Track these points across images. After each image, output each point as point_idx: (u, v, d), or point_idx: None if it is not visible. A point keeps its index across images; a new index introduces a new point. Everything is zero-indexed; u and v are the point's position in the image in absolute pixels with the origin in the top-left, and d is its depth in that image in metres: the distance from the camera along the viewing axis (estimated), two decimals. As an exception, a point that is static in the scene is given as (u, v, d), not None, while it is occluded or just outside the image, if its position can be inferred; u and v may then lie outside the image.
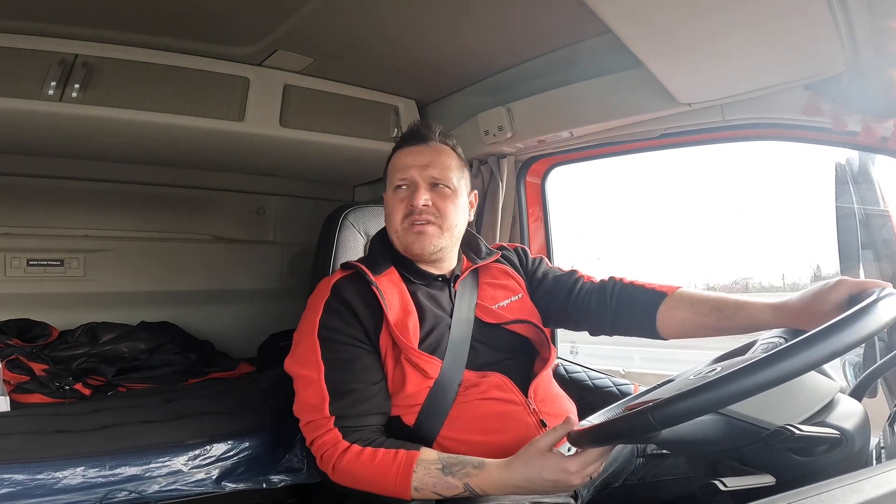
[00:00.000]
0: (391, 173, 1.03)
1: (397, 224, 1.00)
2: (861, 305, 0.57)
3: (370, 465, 0.83)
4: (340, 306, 0.94)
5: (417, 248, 0.99)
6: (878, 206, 1.07)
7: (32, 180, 1.81)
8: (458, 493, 0.80)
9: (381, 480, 0.82)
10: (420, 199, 0.97)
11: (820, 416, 0.63)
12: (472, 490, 0.80)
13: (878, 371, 0.75)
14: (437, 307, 1.00)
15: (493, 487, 0.79)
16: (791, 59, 0.97)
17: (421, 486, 0.80)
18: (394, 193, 1.01)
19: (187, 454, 1.30)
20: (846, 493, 0.44)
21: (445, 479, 0.80)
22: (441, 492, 0.80)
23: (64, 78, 1.27)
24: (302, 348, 0.94)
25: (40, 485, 1.13)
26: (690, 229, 3.29)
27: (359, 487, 0.85)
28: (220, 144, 1.63)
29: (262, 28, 1.33)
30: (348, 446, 0.85)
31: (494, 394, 0.94)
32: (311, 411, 0.90)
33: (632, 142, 1.44)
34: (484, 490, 0.80)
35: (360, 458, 0.84)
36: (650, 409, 0.58)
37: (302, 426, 0.92)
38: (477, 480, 0.79)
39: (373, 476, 0.83)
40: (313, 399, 0.89)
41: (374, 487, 0.83)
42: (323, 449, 0.88)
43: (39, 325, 1.81)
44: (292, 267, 2.32)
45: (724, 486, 0.58)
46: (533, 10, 1.21)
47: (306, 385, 0.91)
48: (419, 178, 0.99)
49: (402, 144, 1.05)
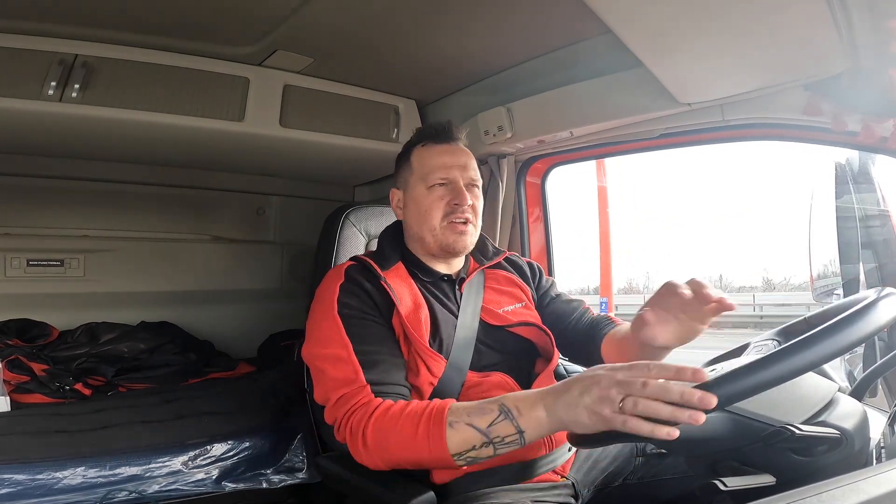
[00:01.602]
0: (426, 170, 1.00)
1: (435, 222, 0.98)
2: (861, 305, 0.57)
3: (401, 414, 0.78)
4: (355, 288, 0.94)
5: (460, 246, 0.99)
6: (878, 206, 1.07)
7: (32, 180, 1.81)
8: (493, 417, 0.72)
9: (414, 423, 0.76)
10: (467, 199, 0.98)
11: (820, 416, 0.63)
12: (506, 409, 0.72)
13: (878, 371, 0.75)
14: (443, 305, 1.00)
15: (526, 403, 0.72)
16: (791, 59, 0.97)
17: (455, 419, 0.74)
18: (430, 191, 0.99)
19: (187, 454, 1.30)
20: (846, 493, 0.44)
21: (480, 406, 0.74)
22: (475, 421, 0.73)
23: (64, 78, 1.28)
24: (323, 330, 0.91)
25: (40, 485, 1.14)
26: (690, 229, 3.30)
27: (393, 444, 0.78)
28: (220, 144, 1.63)
29: (262, 28, 1.33)
30: (381, 402, 0.82)
31: (496, 393, 0.93)
32: (344, 385, 0.85)
33: (632, 142, 1.44)
34: (518, 408, 0.71)
35: (391, 410, 0.80)
36: (713, 381, 0.56)
37: (331, 406, 0.87)
38: (512, 398, 0.73)
39: (405, 422, 0.77)
40: (344, 374, 0.86)
41: (407, 432, 0.77)
42: (357, 415, 0.82)
43: (39, 325, 1.82)
44: (292, 267, 2.32)
45: (723, 486, 0.58)
46: (533, 10, 1.21)
47: (334, 363, 0.87)
48: (460, 178, 0.99)
49: (429, 141, 1.03)
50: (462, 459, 0.74)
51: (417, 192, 1.00)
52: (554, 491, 0.92)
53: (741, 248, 20.98)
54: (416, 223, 1.01)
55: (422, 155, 1.02)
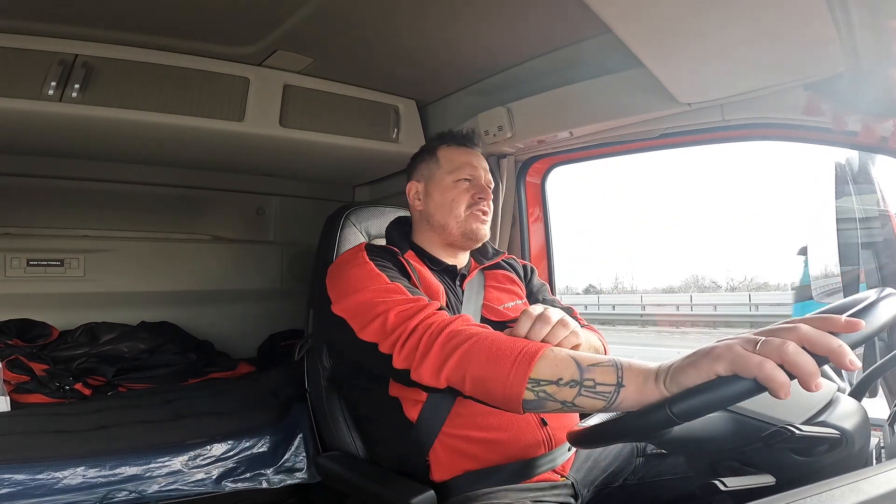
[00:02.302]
0: (454, 167, 1.10)
1: (461, 210, 1.07)
2: (861, 305, 0.57)
3: (490, 332, 0.73)
4: (380, 255, 0.98)
5: (482, 233, 1.09)
6: (877, 206, 1.07)
7: (32, 180, 1.81)
8: (600, 360, 0.64)
9: (510, 341, 0.71)
10: (490, 194, 1.10)
11: (820, 416, 0.63)
12: (618, 363, 0.63)
13: (878, 371, 0.75)
14: (451, 296, 1.05)
15: (641, 368, 0.62)
16: (791, 58, 0.97)
17: (559, 349, 0.68)
18: (456, 184, 1.09)
19: (187, 454, 1.30)
20: (846, 493, 0.44)
21: (589, 353, 0.68)
22: (579, 357, 0.66)
23: (64, 78, 1.27)
24: (360, 279, 0.89)
25: (40, 485, 1.14)
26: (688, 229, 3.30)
27: (475, 354, 0.71)
28: (219, 144, 1.63)
29: (262, 28, 1.33)
30: (458, 317, 0.78)
31: None
32: (403, 303, 0.82)
33: (632, 142, 1.43)
34: (632, 366, 0.62)
35: (473, 325, 0.76)
36: (668, 402, 0.55)
37: (391, 324, 0.80)
38: (626, 359, 0.64)
39: (499, 337, 0.72)
40: (403, 303, 0.82)
41: (500, 346, 0.70)
42: (435, 324, 0.77)
43: (39, 325, 1.82)
44: (292, 267, 2.32)
45: (724, 486, 0.58)
46: (533, 10, 1.21)
47: (384, 294, 0.85)
48: (482, 178, 1.11)
49: (454, 143, 1.13)
50: (536, 391, 0.65)
51: (445, 184, 1.09)
52: (554, 491, 0.92)
53: (740, 249, 21.14)
54: (440, 212, 1.09)
55: (449, 153, 1.12)
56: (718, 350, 0.54)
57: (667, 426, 0.56)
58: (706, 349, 0.56)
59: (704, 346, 0.57)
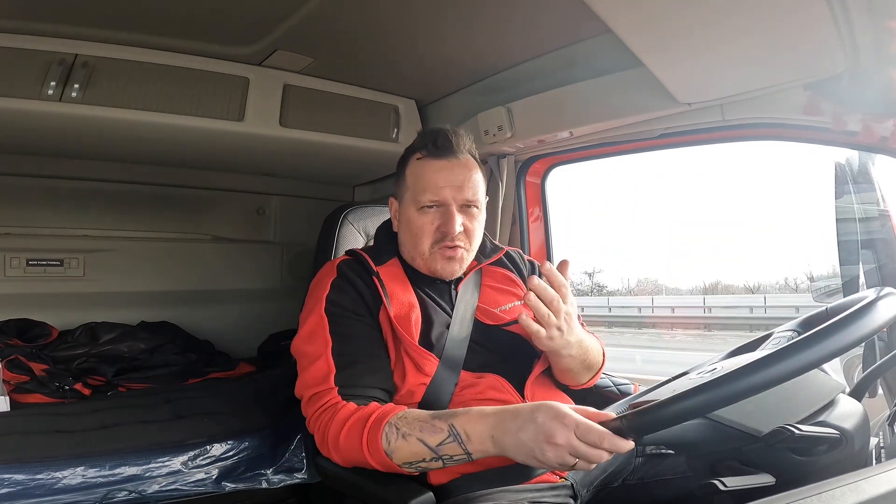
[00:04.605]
0: (418, 189, 0.96)
1: (424, 248, 0.96)
2: (861, 305, 0.57)
3: (347, 420, 0.81)
4: (346, 284, 0.95)
5: (447, 273, 0.98)
6: (877, 206, 1.07)
7: (32, 180, 1.81)
8: (442, 437, 0.75)
9: (358, 431, 0.79)
10: (455, 226, 0.94)
11: (820, 416, 0.63)
12: (456, 432, 0.74)
13: (878, 371, 0.75)
14: (437, 305, 1.00)
15: (476, 430, 0.73)
16: (791, 58, 0.97)
17: (408, 431, 0.76)
18: (420, 213, 0.95)
19: (187, 454, 1.30)
20: (846, 493, 0.44)
21: (432, 422, 0.76)
22: (427, 438, 0.75)
23: (64, 78, 1.28)
24: (309, 325, 0.93)
25: (40, 485, 1.14)
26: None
27: (345, 449, 0.81)
28: (219, 144, 1.63)
29: (262, 28, 1.33)
30: (345, 406, 0.83)
31: (490, 394, 0.93)
32: (315, 384, 0.87)
33: (632, 141, 1.43)
34: (468, 433, 0.74)
35: (341, 413, 0.82)
36: (622, 418, 0.62)
37: (304, 403, 0.89)
38: (464, 419, 0.74)
39: (351, 429, 0.80)
40: (319, 372, 0.87)
41: (353, 440, 0.79)
42: (324, 416, 0.85)
43: (39, 325, 1.82)
44: (292, 267, 2.32)
45: (723, 486, 0.58)
46: (533, 11, 1.21)
47: (312, 360, 0.89)
48: (452, 201, 0.94)
49: (428, 155, 0.97)
50: (413, 468, 0.78)
51: (409, 213, 0.97)
52: (553, 492, 0.92)
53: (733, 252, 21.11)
54: (408, 243, 1.00)
55: (416, 171, 0.98)
56: (538, 461, 0.70)
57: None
58: (527, 447, 0.69)
59: (529, 428, 0.69)
